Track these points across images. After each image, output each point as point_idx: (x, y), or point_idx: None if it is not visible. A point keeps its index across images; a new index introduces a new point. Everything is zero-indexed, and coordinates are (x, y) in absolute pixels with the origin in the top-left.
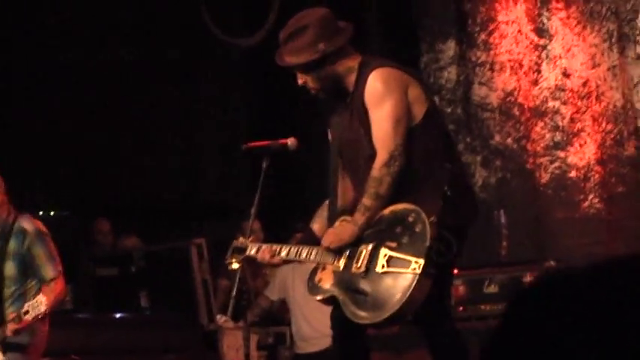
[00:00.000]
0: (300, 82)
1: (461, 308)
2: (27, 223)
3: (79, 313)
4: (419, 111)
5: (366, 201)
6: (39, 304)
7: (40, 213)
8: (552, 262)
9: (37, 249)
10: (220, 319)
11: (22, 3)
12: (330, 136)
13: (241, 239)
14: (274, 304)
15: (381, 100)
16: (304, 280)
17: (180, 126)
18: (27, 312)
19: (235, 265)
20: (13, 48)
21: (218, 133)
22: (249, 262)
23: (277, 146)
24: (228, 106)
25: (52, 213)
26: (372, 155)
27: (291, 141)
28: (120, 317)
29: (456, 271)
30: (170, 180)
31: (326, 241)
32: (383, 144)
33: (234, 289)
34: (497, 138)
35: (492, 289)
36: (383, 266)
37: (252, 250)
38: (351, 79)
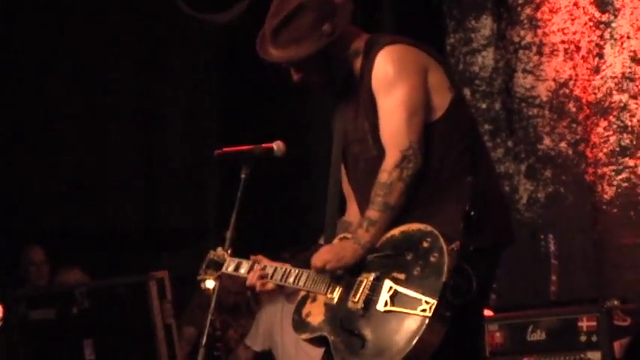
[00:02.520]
0: (296, 78)
1: None
2: None
3: None
4: (440, 103)
5: (372, 213)
6: None
7: None
8: (616, 302)
9: None
10: None
11: None
12: (334, 136)
13: (219, 250)
14: (257, 355)
15: (392, 85)
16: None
17: (135, 133)
18: None
19: (210, 284)
20: None
21: (181, 141)
22: (220, 302)
23: (260, 151)
24: (195, 106)
25: None
26: (377, 157)
27: (277, 145)
28: None
29: (489, 312)
30: (122, 200)
31: (318, 261)
32: (393, 141)
33: (205, 335)
34: (547, 141)
35: (538, 335)
36: (386, 303)
37: (230, 267)
38: (357, 64)
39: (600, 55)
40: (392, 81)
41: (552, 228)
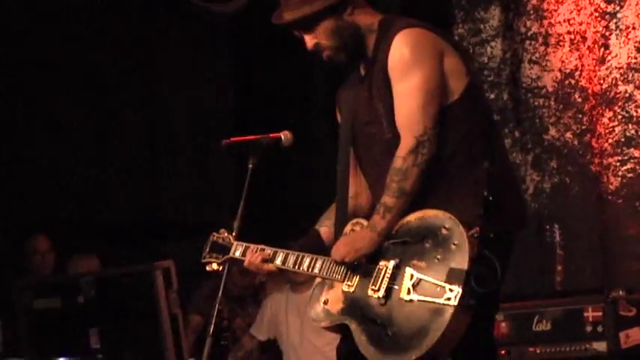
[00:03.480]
0: (310, 45)
1: (503, 352)
2: None
3: (11, 357)
4: (456, 86)
5: (388, 199)
6: None
7: None
8: (621, 292)
9: None
10: None
11: None
12: (339, 119)
13: (224, 233)
14: (262, 345)
15: (409, 69)
16: (300, 313)
17: (140, 121)
18: None
19: (214, 267)
20: None
21: (188, 130)
22: (228, 291)
23: (267, 141)
24: (201, 95)
25: None
26: (391, 141)
27: (285, 135)
28: None
29: None
30: (127, 188)
31: (337, 255)
32: (409, 126)
33: (212, 325)
34: (553, 132)
35: (544, 326)
36: (409, 291)
37: (237, 251)
38: (370, 42)
39: (606, 46)
40: (408, 65)
41: (558, 218)
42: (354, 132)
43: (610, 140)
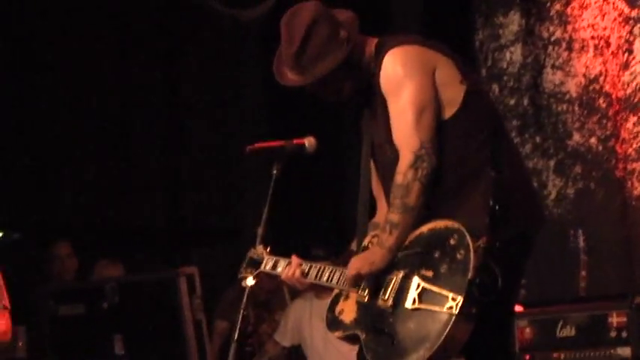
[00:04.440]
0: (328, 95)
1: (527, 357)
2: None
3: None
4: (453, 96)
5: (393, 216)
6: None
7: None
8: None
9: None
10: None
11: None
12: (363, 139)
13: (259, 248)
14: (288, 351)
15: (399, 87)
16: (323, 319)
17: (163, 124)
18: None
19: (250, 281)
20: None
21: (213, 135)
22: (254, 296)
23: (292, 147)
24: (229, 99)
25: None
26: (394, 160)
27: (309, 141)
28: None
29: (519, 308)
30: (150, 194)
31: (353, 269)
32: (405, 141)
33: (237, 331)
34: (577, 137)
35: (568, 331)
36: (414, 301)
37: (267, 265)
38: (372, 68)
39: (630, 51)
40: (399, 83)
41: (582, 224)
42: (374, 154)
43: (634, 145)
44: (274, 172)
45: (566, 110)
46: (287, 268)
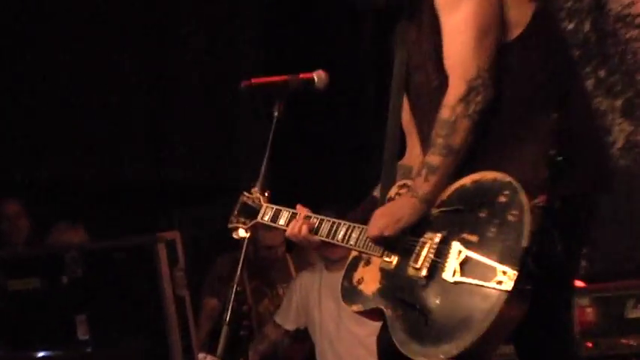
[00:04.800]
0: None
1: (590, 344)
2: None
3: None
4: (519, 17)
5: (432, 158)
6: None
7: None
8: None
9: None
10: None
11: None
12: (395, 65)
13: (254, 192)
14: (289, 336)
15: (459, 0)
16: (338, 296)
17: (141, 60)
18: None
19: (242, 233)
20: None
21: (202, 72)
22: (251, 267)
23: (297, 83)
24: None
25: None
26: (439, 90)
27: (318, 75)
28: (45, 357)
29: (579, 283)
30: (124, 142)
31: (374, 229)
32: (458, 68)
33: (229, 311)
34: None
35: (639, 312)
36: (455, 272)
37: (266, 215)
38: None
39: None
40: None
41: None
42: (408, 80)
43: None
44: (275, 113)
45: (636, 37)
46: (292, 220)
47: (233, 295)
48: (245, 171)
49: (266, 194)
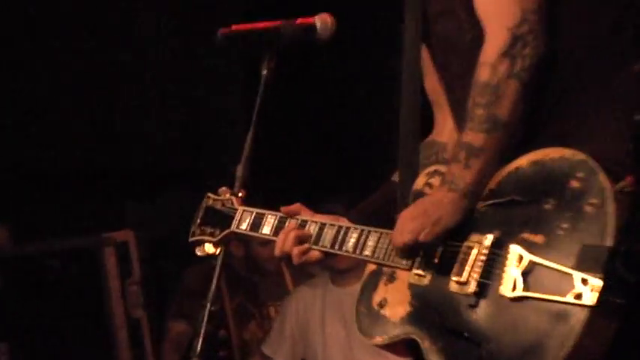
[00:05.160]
0: None
1: None
2: None
3: None
4: None
5: (472, 136)
6: None
7: None
8: None
9: None
10: None
11: None
12: (406, 10)
13: (223, 192)
14: None
15: None
16: (346, 319)
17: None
18: None
19: (209, 248)
20: None
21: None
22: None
23: (293, 30)
24: None
25: None
26: (474, 42)
27: (322, 20)
28: None
29: None
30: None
31: (406, 234)
32: (497, 13)
33: (200, 337)
34: None
35: None
36: (515, 285)
37: (243, 222)
38: None
39: None
40: None
41: None
42: (427, 30)
43: None
44: (264, 72)
45: None
46: (281, 233)
47: (206, 317)
48: (219, 152)
49: (240, 195)
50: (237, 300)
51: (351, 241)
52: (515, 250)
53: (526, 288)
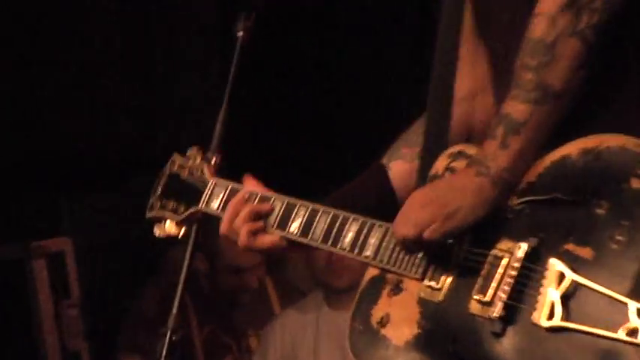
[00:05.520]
0: None
1: None
2: None
3: None
4: None
5: (514, 107)
6: None
7: None
8: None
9: None
10: None
11: None
12: None
13: (195, 155)
14: None
15: None
16: (342, 350)
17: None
18: None
19: (170, 228)
20: None
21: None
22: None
23: None
24: None
25: None
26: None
27: None
28: None
29: None
30: None
31: (409, 226)
32: None
33: None
34: None
35: None
36: (553, 312)
37: (215, 198)
38: None
39: None
40: None
41: None
42: None
43: None
44: (238, 35)
45: None
46: (230, 205)
47: (165, 349)
48: (182, 136)
49: (213, 161)
50: (209, 328)
51: (347, 238)
52: (555, 265)
53: (566, 317)
